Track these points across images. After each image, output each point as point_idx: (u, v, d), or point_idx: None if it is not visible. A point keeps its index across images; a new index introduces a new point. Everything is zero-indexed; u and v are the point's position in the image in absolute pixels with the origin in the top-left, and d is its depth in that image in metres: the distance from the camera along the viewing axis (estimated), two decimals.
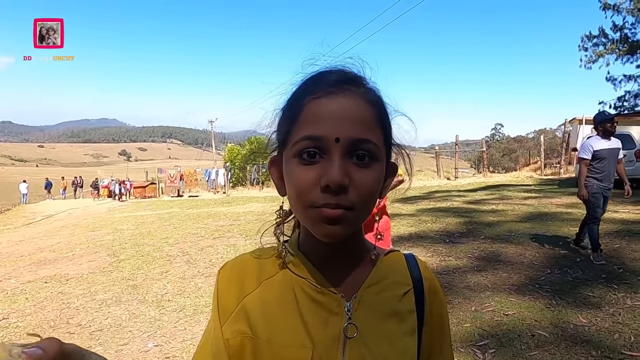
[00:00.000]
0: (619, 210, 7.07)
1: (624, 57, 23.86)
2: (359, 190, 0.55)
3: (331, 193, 0.53)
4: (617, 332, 2.91)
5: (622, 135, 11.42)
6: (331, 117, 0.55)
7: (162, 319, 3.98)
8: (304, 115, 0.57)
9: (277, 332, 0.60)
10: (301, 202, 0.56)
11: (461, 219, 7.39)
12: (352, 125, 0.55)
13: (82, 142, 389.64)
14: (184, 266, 5.94)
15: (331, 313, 0.62)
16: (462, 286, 4.03)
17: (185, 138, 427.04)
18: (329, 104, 0.56)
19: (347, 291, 0.64)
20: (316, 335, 0.60)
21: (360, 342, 0.61)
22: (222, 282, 0.66)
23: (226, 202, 16.94)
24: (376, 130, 0.58)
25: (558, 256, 4.74)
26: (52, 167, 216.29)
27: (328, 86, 0.57)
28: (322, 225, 0.55)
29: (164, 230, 9.71)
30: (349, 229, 0.56)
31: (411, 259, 0.72)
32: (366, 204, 0.57)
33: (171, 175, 27.29)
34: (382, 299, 0.65)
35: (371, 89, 0.61)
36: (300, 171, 0.55)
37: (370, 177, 0.56)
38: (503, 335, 3.01)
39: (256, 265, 0.66)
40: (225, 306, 0.63)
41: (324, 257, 0.64)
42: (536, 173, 17.95)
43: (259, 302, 0.63)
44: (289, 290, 0.64)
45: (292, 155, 0.57)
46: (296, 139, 0.56)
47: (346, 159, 0.55)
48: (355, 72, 0.62)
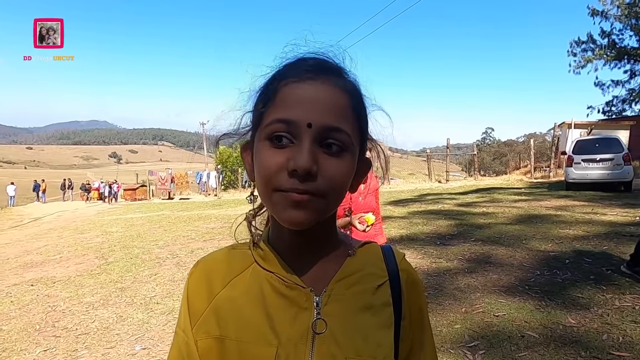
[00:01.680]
0: (608, 213, 7.15)
1: (612, 63, 24.30)
2: (327, 179, 0.53)
3: (298, 178, 0.52)
4: (606, 333, 2.92)
5: (610, 139, 11.63)
6: (305, 102, 0.54)
7: (150, 322, 3.93)
8: (279, 98, 0.55)
9: (244, 330, 0.59)
10: (268, 185, 0.54)
11: (452, 222, 7.41)
12: (325, 113, 0.53)
13: (71, 144, 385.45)
14: (174, 268, 5.88)
15: (300, 308, 0.60)
16: (453, 288, 4.03)
17: (177, 140, 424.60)
18: (304, 88, 0.54)
19: (317, 285, 0.62)
20: (283, 332, 0.58)
21: (329, 337, 0.59)
22: (192, 284, 0.64)
23: (217, 204, 16.84)
24: (350, 121, 0.56)
25: (547, 258, 4.77)
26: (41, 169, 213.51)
27: (306, 71, 0.56)
28: (285, 210, 0.53)
29: (153, 232, 9.62)
30: (313, 216, 0.54)
31: (388, 250, 0.70)
32: (335, 194, 0.55)
33: (162, 178, 27.09)
34: (354, 292, 0.63)
35: (349, 80, 0.59)
36: (269, 154, 0.54)
37: (340, 167, 0.54)
38: (493, 336, 3.01)
39: (226, 263, 0.65)
40: (195, 308, 0.62)
41: (294, 249, 0.62)
42: (526, 176, 18.12)
43: (228, 300, 0.61)
44: (256, 285, 0.62)
45: (263, 137, 0.55)
46: (268, 121, 0.55)
47: (316, 145, 0.53)
48: (336, 61, 0.60)
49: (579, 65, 25.06)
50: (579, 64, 25.04)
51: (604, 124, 20.30)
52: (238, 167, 28.07)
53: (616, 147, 11.00)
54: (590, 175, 10.90)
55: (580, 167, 11.04)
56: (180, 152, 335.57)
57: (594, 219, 6.72)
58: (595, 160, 10.86)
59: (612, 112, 25.63)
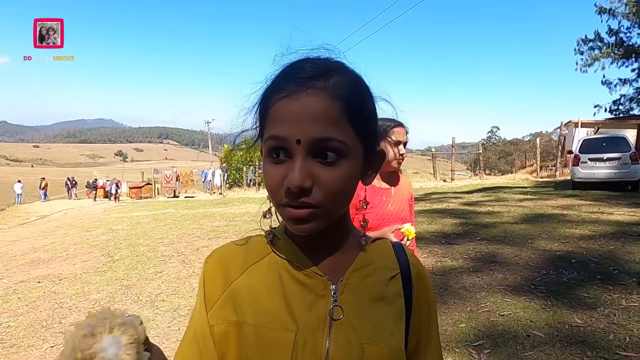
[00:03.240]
0: (614, 213, 7.09)
1: (619, 61, 24.08)
2: (325, 189, 0.55)
3: (292, 195, 0.54)
4: (612, 333, 2.90)
5: (618, 138, 11.53)
6: (292, 117, 0.54)
7: (156, 319, 3.95)
8: (270, 114, 0.57)
9: (262, 315, 0.61)
10: (273, 199, 0.58)
11: (457, 220, 7.39)
12: (313, 125, 0.54)
13: (78, 143, 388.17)
14: (179, 266, 5.91)
15: (317, 295, 0.62)
16: (458, 287, 4.02)
17: (182, 139, 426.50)
18: (291, 103, 0.55)
19: (334, 274, 0.64)
20: (301, 318, 0.60)
21: (346, 324, 0.61)
22: (208, 271, 0.66)
23: (222, 203, 16.89)
24: (342, 126, 0.55)
25: (553, 257, 4.74)
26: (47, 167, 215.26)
27: (294, 84, 0.55)
28: (290, 223, 0.57)
29: (159, 230, 9.66)
30: (317, 225, 0.57)
31: (398, 246, 0.72)
32: (335, 200, 0.57)
33: (167, 176, 27.18)
34: (368, 282, 0.65)
35: (342, 79, 0.57)
36: (270, 169, 0.57)
37: (337, 175, 0.55)
38: (498, 335, 3.00)
39: (242, 251, 0.67)
40: (211, 294, 0.63)
41: (310, 241, 0.64)
42: (532, 175, 18.01)
43: (246, 287, 0.63)
44: (274, 273, 0.64)
45: (265, 152, 0.58)
46: (265, 137, 0.57)
47: (310, 159, 0.54)
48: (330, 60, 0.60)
49: (586, 63, 24.85)
50: (586, 62, 24.83)
51: (611, 123, 20.12)
52: (243, 166, 28.13)
53: (623, 146, 10.91)
54: (597, 175, 10.82)
55: (587, 166, 10.95)
56: (186, 151, 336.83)
57: (601, 218, 6.67)
58: (602, 160, 10.77)
59: (620, 110, 25.40)
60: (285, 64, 0.60)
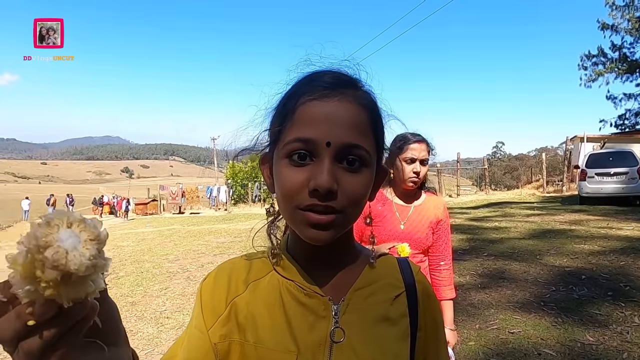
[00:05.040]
0: (624, 228, 7.00)
1: (624, 76, 24.09)
2: (348, 195, 0.54)
3: (319, 197, 0.53)
4: (626, 351, 2.83)
5: (625, 153, 11.47)
6: (324, 120, 0.54)
7: (160, 337, 3.91)
8: (297, 116, 0.56)
9: (264, 335, 0.59)
10: (289, 203, 0.55)
11: (464, 236, 7.32)
12: (344, 130, 0.54)
13: (85, 160, 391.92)
14: (184, 283, 5.88)
15: (318, 316, 0.60)
16: (466, 304, 3.96)
17: (188, 155, 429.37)
18: (322, 106, 0.55)
19: (336, 294, 0.62)
20: (302, 339, 0.58)
21: (347, 347, 0.59)
22: (206, 288, 0.63)
23: (227, 219, 16.88)
24: (368, 136, 0.57)
25: (563, 273, 4.66)
26: (54, 184, 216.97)
27: (323, 88, 0.56)
28: (307, 229, 0.55)
29: (164, 247, 9.66)
30: (334, 233, 0.56)
31: (404, 262, 0.70)
32: (355, 208, 0.56)
33: (173, 192, 27.29)
34: (371, 302, 0.63)
35: (365, 93, 0.60)
36: (289, 172, 0.55)
37: (360, 182, 0.55)
38: (508, 354, 2.93)
39: (244, 267, 0.65)
40: (212, 309, 0.61)
41: (312, 259, 0.62)
42: (538, 191, 17.89)
43: (247, 304, 0.61)
44: (276, 292, 0.62)
45: (282, 155, 0.56)
46: (287, 140, 0.56)
47: (336, 163, 0.54)
48: (351, 74, 0.61)
49: (590, 78, 24.89)
50: (590, 77, 24.87)
51: (617, 137, 20.05)
52: (248, 182, 28.19)
53: (630, 160, 10.83)
54: (605, 189, 10.72)
55: (594, 181, 10.86)
56: (191, 167, 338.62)
57: (610, 233, 6.58)
58: (609, 174, 10.69)
59: (625, 125, 25.31)
60: (308, 71, 0.61)
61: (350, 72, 0.61)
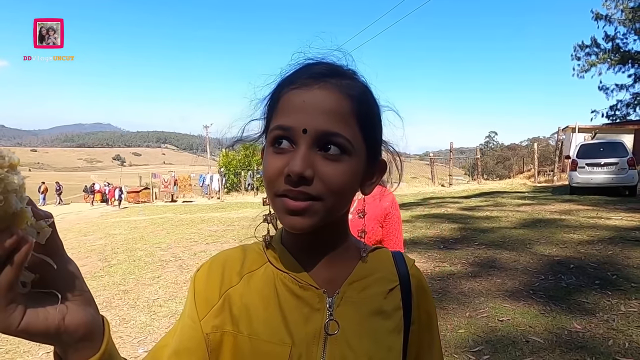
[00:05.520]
0: (612, 218, 7.11)
1: (616, 67, 24.22)
2: (326, 182, 0.54)
3: (291, 183, 0.53)
4: (612, 338, 2.90)
5: (615, 143, 11.58)
6: (301, 108, 0.55)
7: (152, 325, 3.92)
8: (280, 105, 0.57)
9: (258, 327, 0.59)
10: (270, 189, 0.56)
11: (455, 225, 7.39)
12: (321, 117, 0.54)
13: (76, 147, 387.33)
14: (177, 271, 5.88)
15: (312, 309, 0.60)
16: (457, 292, 4.01)
17: (180, 143, 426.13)
18: (302, 94, 0.55)
19: (330, 287, 0.62)
20: (296, 332, 0.59)
21: (341, 339, 0.59)
22: (199, 278, 0.63)
23: (220, 207, 16.86)
24: (350, 125, 0.56)
25: (552, 262, 4.74)
26: (45, 171, 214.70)
27: (306, 77, 0.56)
28: (285, 216, 0.55)
29: (156, 235, 9.63)
30: (313, 220, 0.55)
31: (399, 256, 0.70)
32: (335, 196, 0.55)
33: (165, 181, 27.14)
34: (366, 295, 0.63)
35: (354, 83, 0.59)
36: (271, 159, 0.56)
37: (339, 170, 0.54)
38: (497, 341, 2.99)
39: (238, 258, 0.65)
40: (205, 299, 0.61)
41: (306, 251, 0.62)
42: (530, 180, 18.06)
43: (241, 295, 0.61)
44: (270, 284, 0.62)
45: (268, 143, 0.57)
46: (271, 128, 0.57)
47: (314, 150, 0.54)
48: (342, 65, 0.61)
49: (583, 69, 24.99)
50: (583, 68, 24.97)
51: (608, 128, 20.23)
52: (241, 170, 28.11)
53: (621, 151, 10.95)
54: (595, 180, 10.85)
55: (585, 172, 10.98)
56: (184, 155, 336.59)
57: (599, 223, 6.68)
58: (600, 165, 10.81)
59: (617, 116, 25.53)
60: (299, 62, 0.61)
61: (341, 63, 0.61)
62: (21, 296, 0.38)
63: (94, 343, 0.44)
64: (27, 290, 0.39)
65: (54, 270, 0.41)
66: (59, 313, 0.40)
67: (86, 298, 0.44)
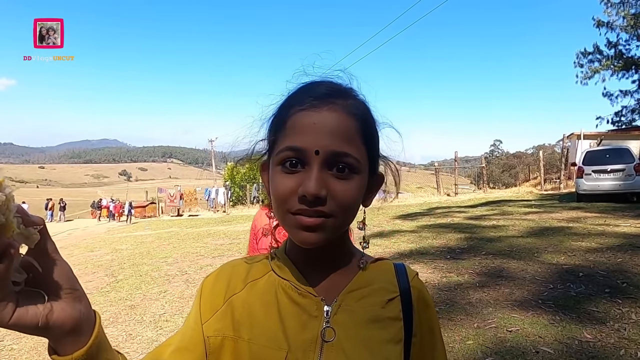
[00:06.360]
0: (621, 225, 7.03)
1: (620, 73, 24.15)
2: (337, 201, 0.56)
3: (307, 203, 0.55)
4: (623, 348, 2.85)
5: (621, 150, 11.50)
6: (313, 129, 0.57)
7: (159, 340, 3.91)
8: (289, 125, 0.59)
9: (257, 332, 0.61)
10: (281, 208, 0.58)
11: (462, 235, 7.34)
12: (332, 139, 0.56)
13: (82, 163, 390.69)
14: (183, 285, 5.88)
15: (310, 316, 0.62)
16: (464, 302, 3.97)
17: (186, 158, 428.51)
18: (312, 116, 0.57)
19: (329, 295, 0.64)
20: (293, 338, 0.60)
21: (337, 346, 0.61)
22: (207, 284, 0.67)
23: (226, 220, 16.87)
24: (357, 144, 0.59)
25: (560, 271, 4.68)
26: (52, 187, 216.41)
27: (314, 98, 0.59)
28: (298, 231, 0.57)
29: (163, 249, 9.65)
30: (324, 236, 0.58)
31: (400, 267, 0.71)
32: (345, 213, 0.58)
33: (171, 195, 27.26)
34: (364, 304, 0.65)
35: (357, 102, 0.62)
36: (281, 179, 0.58)
37: (349, 188, 0.57)
38: (507, 352, 2.94)
39: (245, 268, 0.68)
40: (210, 304, 0.64)
41: (309, 261, 0.65)
42: (536, 188, 17.94)
43: (244, 302, 0.64)
44: (271, 292, 0.64)
45: (276, 162, 0.59)
46: (280, 148, 0.59)
47: (325, 170, 0.56)
48: (343, 84, 0.63)
49: (586, 76, 24.95)
50: (586, 74, 24.93)
51: (613, 134, 20.11)
52: (246, 184, 28.17)
53: (627, 157, 10.87)
54: (602, 187, 10.76)
55: (591, 178, 10.90)
56: (189, 169, 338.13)
57: (607, 230, 6.61)
58: (606, 171, 10.73)
59: (622, 122, 25.37)
60: (303, 82, 0.63)
61: (343, 82, 0.64)
62: (13, 294, 0.42)
63: (82, 337, 0.48)
64: (20, 289, 0.44)
65: (44, 270, 0.45)
66: (44, 309, 0.44)
67: (76, 296, 0.48)
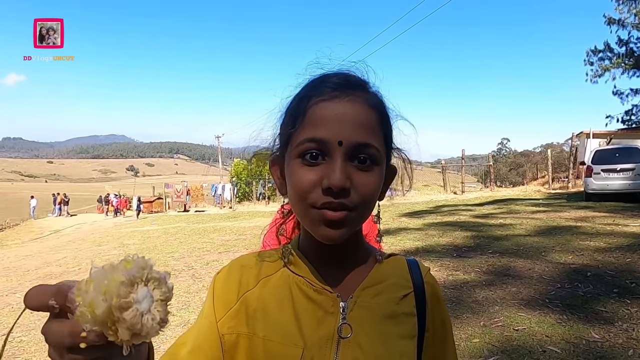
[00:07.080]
0: (630, 224, 6.96)
1: (630, 71, 23.84)
2: (360, 193, 0.55)
3: (332, 195, 0.54)
4: (632, 348, 2.82)
5: (631, 149, 11.36)
6: (335, 120, 0.56)
7: (165, 334, 3.94)
8: (308, 117, 0.57)
9: (272, 329, 0.60)
10: (302, 202, 0.57)
11: (469, 233, 7.30)
12: (355, 129, 0.56)
13: (90, 158, 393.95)
14: (189, 280, 5.92)
15: (326, 312, 0.61)
16: (471, 301, 3.96)
17: (193, 154, 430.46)
18: (333, 107, 0.56)
19: (344, 291, 0.63)
20: (309, 334, 0.60)
21: (354, 342, 0.60)
22: (219, 281, 0.65)
23: (232, 216, 16.94)
24: (378, 135, 0.58)
25: (568, 270, 4.65)
26: (61, 182, 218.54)
27: (332, 89, 0.58)
28: (321, 227, 0.56)
29: (169, 244, 9.71)
30: (347, 232, 0.57)
31: (413, 263, 0.71)
32: (367, 206, 0.58)
33: (178, 191, 27.42)
34: (379, 300, 0.64)
35: (374, 93, 0.61)
36: (302, 172, 0.56)
37: (372, 180, 0.57)
38: (513, 351, 2.93)
39: (256, 263, 0.67)
40: (223, 302, 0.63)
41: (323, 257, 0.64)
42: (544, 187, 17.79)
43: (258, 299, 0.63)
44: (286, 288, 0.63)
45: (294, 155, 0.57)
46: (299, 140, 0.57)
47: (348, 161, 0.55)
48: (359, 76, 0.62)
49: (596, 74, 24.65)
50: (596, 73, 24.64)
51: (623, 133, 19.87)
52: (252, 180, 28.25)
53: (637, 156, 10.73)
54: (611, 186, 10.64)
55: (600, 178, 10.78)
56: (196, 165, 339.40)
57: (616, 230, 6.54)
58: (616, 170, 10.61)
59: (632, 121, 25.06)
60: (318, 74, 0.62)
61: (359, 74, 0.63)
62: None
63: None
64: None
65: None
66: None
67: None
